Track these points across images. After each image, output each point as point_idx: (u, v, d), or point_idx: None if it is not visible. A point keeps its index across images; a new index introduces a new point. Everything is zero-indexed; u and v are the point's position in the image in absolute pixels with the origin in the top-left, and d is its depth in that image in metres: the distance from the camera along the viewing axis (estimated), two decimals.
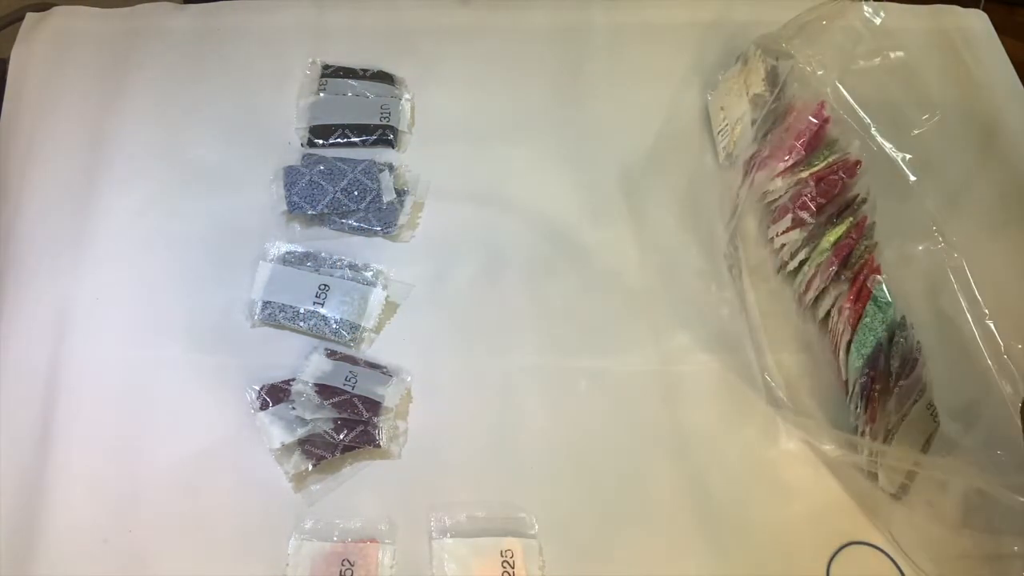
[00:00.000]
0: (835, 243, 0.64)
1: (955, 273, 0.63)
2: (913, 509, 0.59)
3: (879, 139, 0.66)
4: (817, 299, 0.65)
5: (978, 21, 0.85)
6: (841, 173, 0.66)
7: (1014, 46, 0.84)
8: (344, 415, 0.60)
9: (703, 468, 0.62)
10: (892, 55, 0.69)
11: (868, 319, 0.61)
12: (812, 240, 0.65)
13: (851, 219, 0.65)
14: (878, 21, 0.64)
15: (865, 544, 0.59)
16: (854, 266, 0.64)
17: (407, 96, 0.76)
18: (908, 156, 0.66)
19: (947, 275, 0.63)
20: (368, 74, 0.77)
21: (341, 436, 0.59)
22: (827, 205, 0.66)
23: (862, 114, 0.66)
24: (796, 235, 0.66)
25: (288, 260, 0.67)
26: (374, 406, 0.60)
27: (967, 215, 0.72)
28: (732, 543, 0.60)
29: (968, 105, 0.79)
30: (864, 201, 0.66)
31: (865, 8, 0.64)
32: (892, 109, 0.72)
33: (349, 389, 0.61)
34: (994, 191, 0.75)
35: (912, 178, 0.65)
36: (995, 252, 0.71)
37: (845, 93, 0.66)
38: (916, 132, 0.70)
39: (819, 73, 0.65)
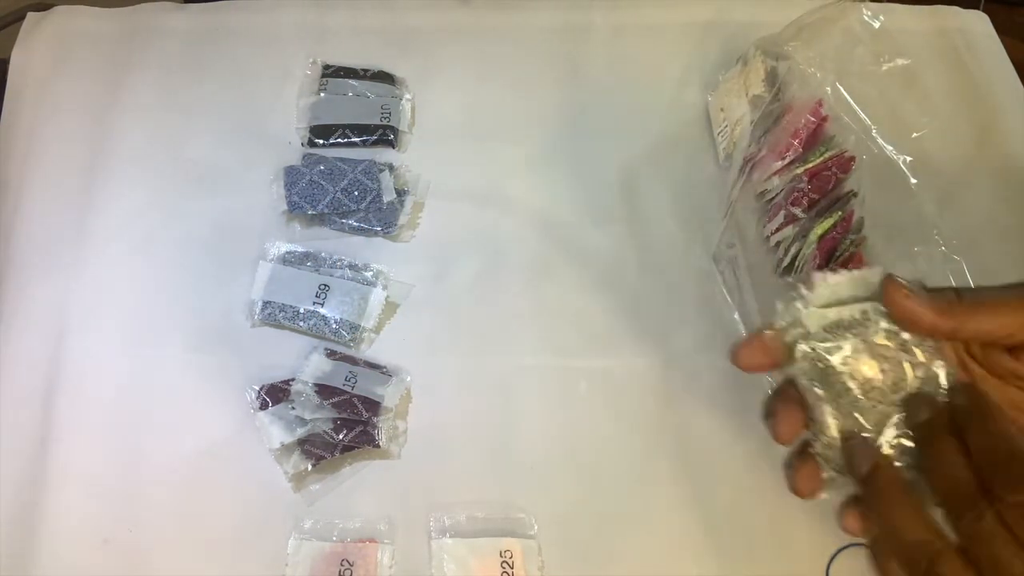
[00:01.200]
0: (820, 237, 0.64)
1: (955, 276, 0.63)
2: None
3: (880, 141, 0.66)
4: None
5: (979, 22, 0.85)
6: (834, 168, 0.66)
7: (1014, 46, 0.84)
8: (344, 415, 0.60)
9: (703, 468, 0.62)
10: (892, 57, 0.68)
11: None
12: (803, 235, 0.66)
13: (839, 213, 0.65)
14: (877, 25, 0.64)
15: (865, 544, 0.59)
16: (838, 259, 0.64)
17: (408, 96, 0.76)
18: (908, 158, 0.66)
19: (947, 278, 0.63)
20: (369, 74, 0.77)
21: (340, 436, 0.59)
22: (820, 200, 0.66)
23: (862, 115, 0.66)
24: (789, 231, 0.66)
25: (288, 260, 0.67)
26: (374, 406, 0.60)
27: (967, 217, 0.72)
28: (732, 543, 0.60)
29: (968, 106, 0.79)
30: (855, 195, 0.66)
31: (865, 10, 0.64)
32: (892, 111, 0.72)
33: (349, 389, 0.61)
34: (994, 192, 0.75)
35: (913, 180, 0.65)
36: (995, 254, 0.71)
37: (845, 94, 0.66)
38: (916, 134, 0.70)
39: (819, 75, 0.65)
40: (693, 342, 0.67)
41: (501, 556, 0.58)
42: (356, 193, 0.69)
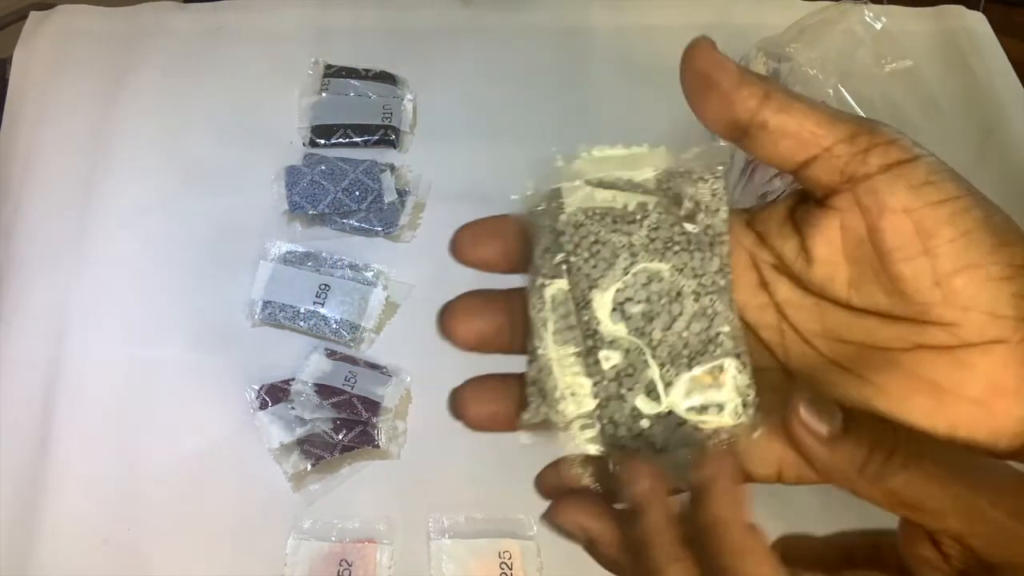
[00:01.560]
0: None
1: None
2: None
3: None
4: None
5: (978, 23, 0.85)
6: None
7: (1014, 46, 0.84)
8: (343, 415, 0.60)
9: None
10: (894, 58, 0.68)
11: None
12: None
13: None
14: (878, 26, 0.64)
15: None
16: None
17: (409, 96, 0.76)
18: None
19: None
20: (370, 74, 0.77)
21: (340, 436, 0.59)
22: None
23: (864, 117, 0.66)
24: None
25: (289, 260, 0.67)
26: (373, 406, 0.60)
27: None
28: None
29: (970, 107, 0.79)
30: None
31: (866, 12, 0.64)
32: (894, 112, 0.72)
33: (348, 389, 0.61)
34: (996, 194, 0.74)
35: None
36: None
37: (847, 95, 0.66)
38: (918, 135, 0.70)
39: (820, 76, 0.65)
40: None
41: (500, 557, 0.57)
42: (357, 193, 0.69)
